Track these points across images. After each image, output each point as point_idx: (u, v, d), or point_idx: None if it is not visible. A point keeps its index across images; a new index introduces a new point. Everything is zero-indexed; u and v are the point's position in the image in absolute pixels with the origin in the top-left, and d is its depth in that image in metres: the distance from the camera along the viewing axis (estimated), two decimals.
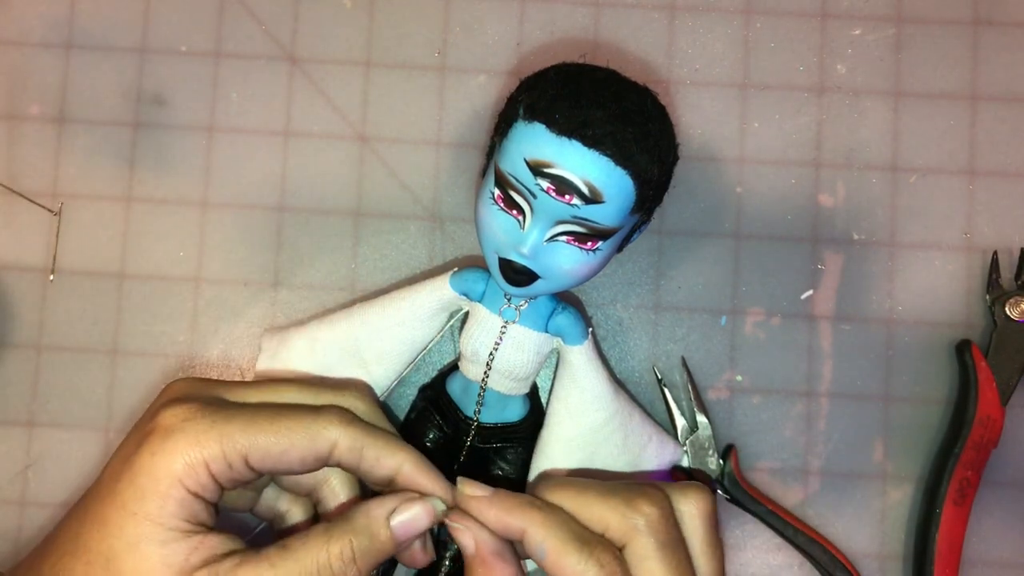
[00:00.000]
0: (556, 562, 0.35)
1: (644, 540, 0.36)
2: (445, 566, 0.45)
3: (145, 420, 0.37)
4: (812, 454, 0.48)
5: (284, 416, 0.37)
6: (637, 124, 0.37)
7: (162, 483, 0.34)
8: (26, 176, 0.50)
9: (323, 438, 0.37)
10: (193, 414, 0.35)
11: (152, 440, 0.35)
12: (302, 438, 0.36)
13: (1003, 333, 0.47)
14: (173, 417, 0.35)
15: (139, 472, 0.34)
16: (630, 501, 0.36)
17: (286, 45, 0.51)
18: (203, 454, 0.35)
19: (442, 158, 0.50)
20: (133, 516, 0.34)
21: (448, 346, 0.49)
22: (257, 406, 0.38)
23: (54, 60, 0.51)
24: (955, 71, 0.50)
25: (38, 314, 0.49)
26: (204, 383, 0.39)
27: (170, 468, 0.34)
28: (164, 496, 0.34)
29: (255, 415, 0.36)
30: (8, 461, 0.49)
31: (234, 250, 0.50)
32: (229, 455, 0.35)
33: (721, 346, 0.49)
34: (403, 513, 0.37)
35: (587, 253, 0.39)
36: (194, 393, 0.37)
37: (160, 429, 0.35)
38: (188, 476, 0.34)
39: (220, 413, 0.36)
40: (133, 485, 0.34)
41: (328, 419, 0.37)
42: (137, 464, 0.35)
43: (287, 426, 0.36)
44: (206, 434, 0.35)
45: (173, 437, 0.35)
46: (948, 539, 0.46)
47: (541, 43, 0.50)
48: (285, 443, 0.36)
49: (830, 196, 0.49)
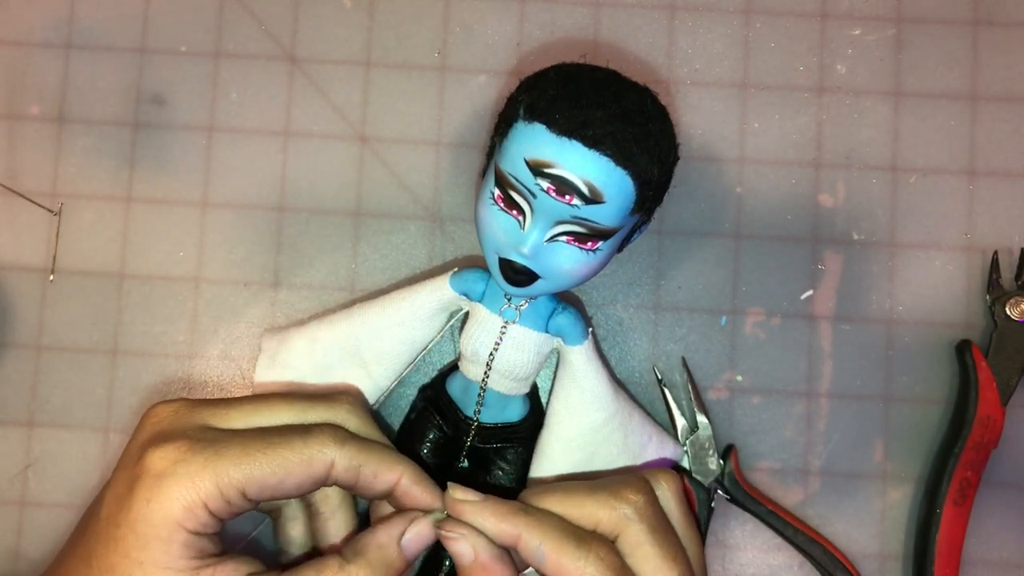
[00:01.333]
0: (556, 562, 0.35)
1: (636, 527, 0.36)
2: (445, 566, 0.45)
3: (132, 454, 0.36)
4: (812, 454, 0.48)
5: (277, 444, 0.36)
6: (637, 124, 0.37)
7: (162, 530, 0.34)
8: (26, 176, 0.50)
9: (319, 462, 0.36)
10: (183, 455, 0.34)
11: (145, 485, 0.34)
12: (298, 465, 0.36)
13: (1003, 333, 0.47)
14: (163, 460, 0.34)
15: (137, 520, 0.34)
16: (616, 493, 0.37)
17: (286, 45, 0.51)
18: (200, 495, 0.34)
19: (442, 158, 0.50)
20: (140, 565, 0.34)
21: (448, 346, 0.49)
22: (248, 434, 0.36)
23: (54, 60, 0.51)
24: (955, 71, 0.50)
25: (38, 314, 0.49)
26: (188, 409, 0.37)
27: (168, 514, 0.34)
28: (167, 542, 0.34)
29: (247, 446, 0.35)
30: (8, 461, 0.49)
31: (234, 250, 0.50)
32: (226, 492, 0.34)
33: (721, 346, 0.49)
34: (413, 532, 0.37)
35: (587, 253, 0.39)
36: (180, 425, 0.36)
37: (152, 474, 0.34)
38: (187, 519, 0.34)
39: (211, 449, 0.35)
40: (134, 533, 0.34)
41: (322, 441, 0.37)
42: (134, 512, 0.34)
43: (281, 454, 0.35)
44: (200, 475, 0.34)
45: (167, 483, 0.34)
46: (948, 539, 0.46)
47: (541, 43, 0.50)
48: (281, 472, 0.35)
49: (830, 196, 0.49)
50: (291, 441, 0.36)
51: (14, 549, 0.48)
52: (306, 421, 0.38)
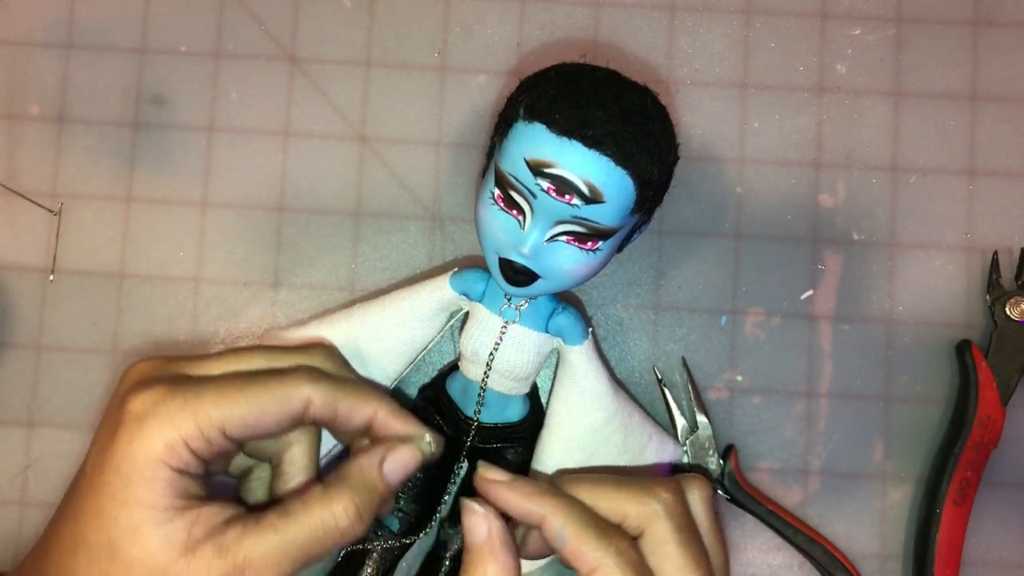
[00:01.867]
0: (575, 548, 0.36)
1: (662, 524, 0.36)
2: (445, 566, 0.45)
3: (114, 407, 0.37)
4: (812, 454, 0.48)
5: (254, 383, 0.37)
6: (637, 124, 0.37)
7: (146, 468, 0.34)
8: (26, 176, 0.50)
9: (295, 398, 0.37)
10: (163, 396, 0.35)
11: (126, 427, 0.35)
12: (274, 401, 0.36)
13: (1003, 333, 0.47)
14: (142, 402, 0.35)
15: (121, 461, 0.34)
16: (647, 489, 0.37)
17: (286, 45, 0.51)
18: (180, 433, 0.35)
19: (442, 158, 0.50)
20: (125, 504, 0.34)
21: (448, 346, 0.49)
22: (225, 376, 0.37)
23: (54, 60, 0.51)
24: (955, 71, 0.50)
25: (38, 314, 0.49)
26: (166, 362, 0.38)
27: (150, 452, 0.34)
28: (151, 480, 0.34)
29: (224, 386, 0.36)
30: (8, 461, 0.49)
31: (234, 250, 0.50)
32: (205, 430, 0.35)
33: (721, 346, 0.49)
34: (392, 459, 0.38)
35: (587, 253, 0.39)
36: (158, 374, 0.37)
37: (132, 416, 0.35)
38: (170, 456, 0.34)
39: (189, 390, 0.35)
40: (118, 474, 0.34)
41: (297, 378, 0.37)
42: (117, 453, 0.34)
43: (258, 392, 0.36)
44: (179, 413, 0.35)
45: (147, 422, 0.34)
46: (948, 539, 0.46)
47: (541, 43, 0.50)
48: (258, 409, 0.36)
49: (830, 196, 0.49)
50: (267, 380, 0.37)
51: (14, 549, 0.48)
52: (283, 366, 0.39)
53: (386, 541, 0.44)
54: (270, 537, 0.35)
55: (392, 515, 0.45)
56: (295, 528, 0.35)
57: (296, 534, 0.35)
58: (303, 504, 0.36)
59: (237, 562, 0.34)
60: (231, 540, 0.35)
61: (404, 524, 0.45)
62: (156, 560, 0.34)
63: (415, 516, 0.45)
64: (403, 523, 0.45)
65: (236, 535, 0.35)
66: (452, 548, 0.45)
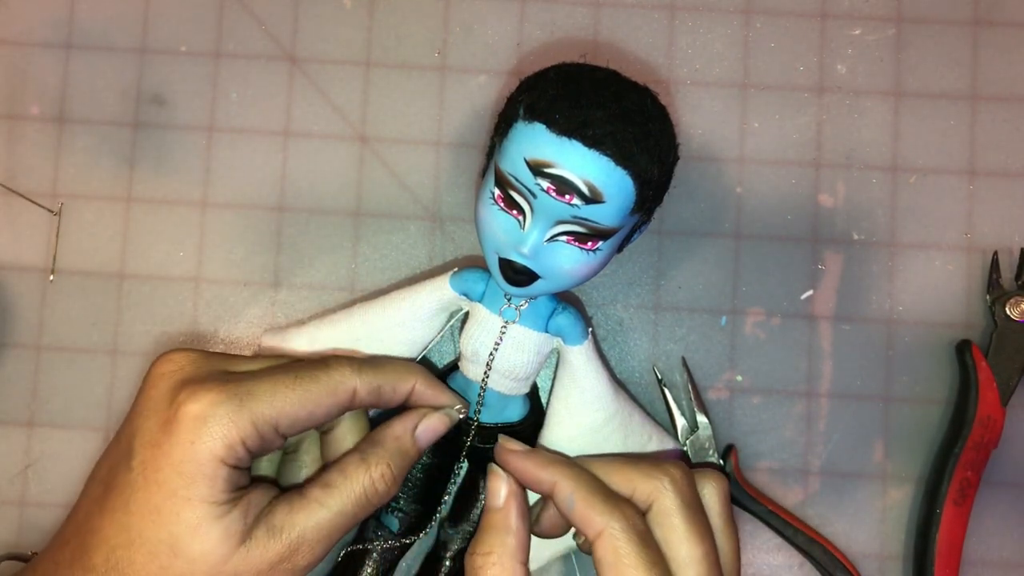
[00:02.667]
0: (583, 512, 0.37)
1: (669, 498, 0.38)
2: (445, 566, 0.45)
3: (159, 401, 0.37)
4: (812, 454, 0.48)
5: (303, 379, 0.38)
6: (637, 124, 0.37)
7: (207, 467, 0.35)
8: (26, 176, 0.50)
9: (343, 391, 0.39)
10: (219, 396, 0.36)
11: (185, 428, 0.36)
12: (325, 396, 0.38)
13: (1003, 333, 0.47)
14: (200, 403, 0.36)
15: (183, 460, 0.35)
16: (657, 464, 0.39)
17: (286, 45, 0.51)
18: (239, 433, 0.36)
19: (442, 158, 0.50)
20: (188, 502, 0.35)
21: (448, 346, 0.49)
22: (274, 373, 0.38)
23: (54, 60, 0.51)
24: (955, 71, 0.50)
25: (38, 314, 0.49)
26: (204, 358, 0.39)
27: (212, 453, 0.35)
28: (212, 478, 0.35)
29: (276, 384, 0.37)
30: (8, 461, 0.49)
31: (234, 250, 0.50)
32: (262, 429, 0.36)
33: (721, 346, 0.49)
34: (425, 425, 0.41)
35: (587, 253, 0.39)
36: (204, 371, 0.38)
37: (191, 416, 0.36)
38: (229, 456, 0.36)
39: (243, 388, 0.37)
40: (179, 473, 0.35)
41: (342, 371, 0.39)
42: (177, 453, 0.35)
43: (308, 388, 0.38)
44: (237, 414, 0.36)
45: (208, 424, 0.36)
46: (948, 539, 0.46)
47: (541, 43, 0.50)
48: (311, 405, 0.38)
49: (830, 196, 0.49)
50: (315, 375, 0.38)
51: (14, 549, 0.48)
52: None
53: (386, 541, 0.44)
54: (318, 511, 0.37)
55: (392, 515, 0.45)
56: (340, 499, 0.38)
57: (343, 505, 0.38)
58: (343, 475, 0.38)
59: (292, 541, 0.37)
60: (282, 520, 0.37)
61: (404, 524, 0.45)
62: (218, 553, 0.35)
63: (415, 516, 0.45)
64: (403, 523, 0.45)
65: (285, 514, 0.37)
66: (452, 548, 0.45)
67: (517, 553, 0.38)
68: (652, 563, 0.36)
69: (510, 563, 0.38)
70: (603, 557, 0.36)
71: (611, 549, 0.36)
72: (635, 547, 0.36)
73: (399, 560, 0.46)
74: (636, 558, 0.36)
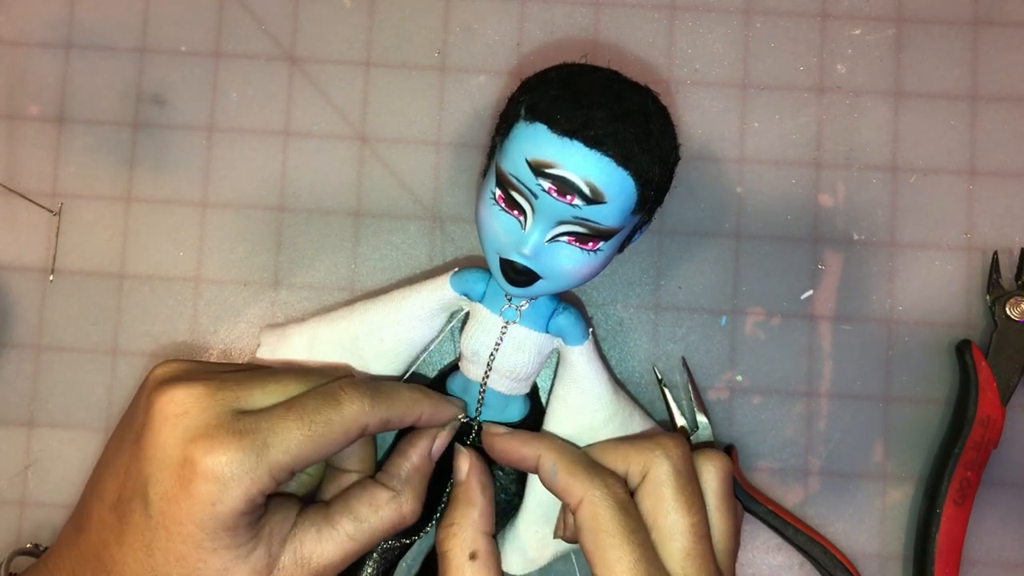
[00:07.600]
0: (565, 481, 0.38)
1: (662, 467, 0.38)
2: None
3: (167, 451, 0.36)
4: (812, 454, 0.48)
5: (316, 423, 0.37)
6: (638, 124, 0.37)
7: (230, 521, 0.36)
8: (26, 176, 0.50)
9: (354, 429, 0.39)
10: (235, 454, 0.35)
11: (206, 490, 0.35)
12: (337, 436, 0.38)
13: (1003, 333, 0.47)
14: (218, 464, 0.35)
15: (204, 519, 0.35)
16: (652, 438, 0.40)
17: (286, 45, 0.51)
18: (259, 488, 0.36)
19: (442, 158, 0.50)
20: (213, 552, 0.36)
21: (448, 346, 0.49)
22: (285, 415, 0.37)
23: (54, 60, 0.51)
24: (955, 71, 0.50)
25: (38, 314, 0.49)
26: (210, 397, 0.37)
27: (235, 510, 0.35)
28: (234, 529, 0.36)
29: (289, 431, 0.37)
30: (8, 461, 0.49)
31: (234, 250, 0.50)
32: (277, 476, 0.36)
33: (721, 346, 0.49)
34: (438, 445, 0.42)
35: (588, 253, 0.39)
36: (213, 416, 0.36)
37: (210, 478, 0.35)
38: (249, 508, 0.36)
39: (259, 441, 0.36)
40: (202, 530, 0.35)
41: (352, 410, 0.38)
42: (198, 512, 0.35)
43: (321, 433, 0.37)
44: (256, 470, 0.36)
45: (229, 487, 0.35)
46: (948, 539, 0.46)
47: (541, 43, 0.50)
48: (324, 448, 0.37)
49: (830, 196, 0.49)
50: (328, 416, 0.38)
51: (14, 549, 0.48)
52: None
53: (386, 541, 0.44)
54: (346, 544, 0.39)
55: None
56: (370, 534, 0.39)
57: (371, 538, 0.39)
58: (374, 510, 0.40)
59: (319, 571, 0.38)
60: (310, 551, 0.38)
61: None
62: None
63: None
64: None
65: (314, 543, 0.38)
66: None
67: (479, 523, 0.40)
68: (632, 530, 0.37)
69: (472, 533, 0.40)
70: (583, 523, 0.37)
71: (590, 515, 0.37)
72: (615, 513, 0.37)
73: (399, 560, 0.46)
74: (615, 524, 0.37)
